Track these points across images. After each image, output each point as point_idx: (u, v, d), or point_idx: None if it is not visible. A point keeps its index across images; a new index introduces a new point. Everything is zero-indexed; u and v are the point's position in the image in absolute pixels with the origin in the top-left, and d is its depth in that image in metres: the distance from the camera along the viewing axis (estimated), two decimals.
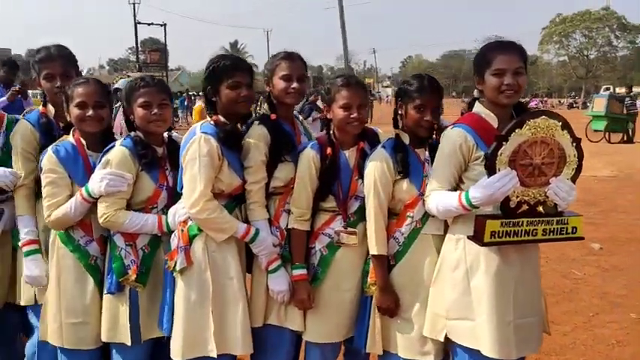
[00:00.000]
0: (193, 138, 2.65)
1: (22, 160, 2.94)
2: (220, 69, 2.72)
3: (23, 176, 2.93)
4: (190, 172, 2.62)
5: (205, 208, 2.59)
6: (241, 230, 2.68)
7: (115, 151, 2.72)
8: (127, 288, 2.76)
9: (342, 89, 2.69)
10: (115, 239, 2.79)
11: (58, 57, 2.97)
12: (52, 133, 2.97)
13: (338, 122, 2.72)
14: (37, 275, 2.89)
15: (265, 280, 2.78)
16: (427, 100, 2.63)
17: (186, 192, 2.64)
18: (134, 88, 2.76)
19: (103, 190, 2.66)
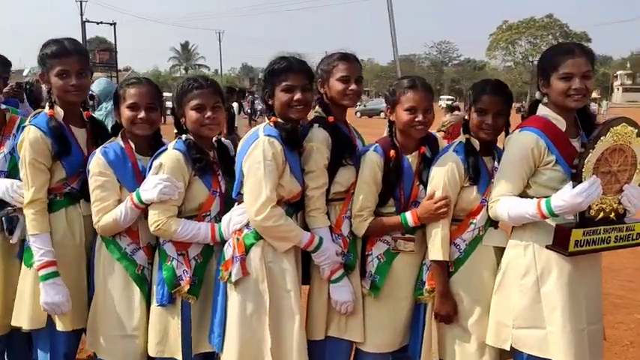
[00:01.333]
0: (256, 141, 2.53)
1: (32, 172, 2.63)
2: (276, 71, 2.61)
3: (34, 190, 2.63)
4: (254, 177, 2.50)
5: (271, 215, 2.48)
6: (305, 239, 2.58)
7: (167, 155, 2.58)
8: (179, 300, 2.63)
9: (408, 91, 2.62)
10: (166, 248, 2.65)
11: (74, 52, 2.67)
12: (65, 137, 2.72)
13: (402, 125, 2.65)
14: (59, 302, 2.64)
15: (327, 291, 2.69)
16: (489, 104, 2.59)
17: (250, 198, 2.51)
18: (186, 90, 2.63)
19: (156, 197, 2.52)
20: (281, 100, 2.59)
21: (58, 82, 2.67)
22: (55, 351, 2.78)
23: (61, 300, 2.64)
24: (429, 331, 2.66)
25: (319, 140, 2.64)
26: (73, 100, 2.73)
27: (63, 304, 2.65)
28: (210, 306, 2.67)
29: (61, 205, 2.74)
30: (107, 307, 2.69)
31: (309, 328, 2.70)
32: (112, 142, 2.73)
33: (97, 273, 2.72)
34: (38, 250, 2.64)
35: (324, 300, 2.70)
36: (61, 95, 2.70)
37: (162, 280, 2.63)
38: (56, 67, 2.66)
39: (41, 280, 2.63)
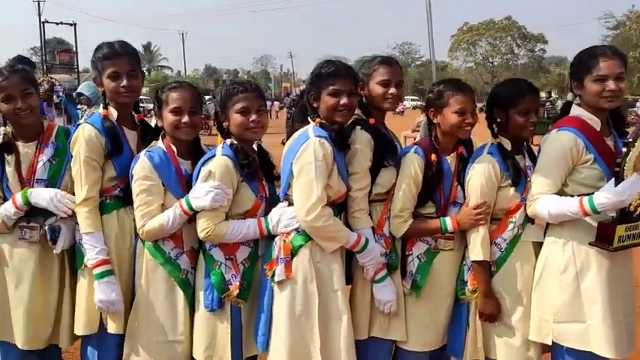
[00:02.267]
0: (307, 142, 2.57)
1: (86, 170, 2.66)
2: (323, 75, 2.66)
3: (88, 187, 2.66)
4: (305, 178, 2.54)
5: (322, 215, 2.52)
6: (352, 239, 2.63)
7: (217, 161, 2.60)
8: (227, 304, 2.65)
9: (458, 94, 2.68)
10: (213, 253, 2.67)
11: (124, 54, 2.73)
12: (118, 137, 2.75)
13: (451, 127, 2.71)
14: (115, 299, 2.65)
15: (369, 291, 2.75)
16: (531, 103, 2.69)
17: (301, 199, 2.55)
18: (231, 94, 2.65)
19: (208, 205, 2.53)
20: (327, 103, 2.64)
21: (110, 83, 2.70)
22: (104, 358, 2.77)
23: (116, 298, 2.65)
24: (474, 329, 2.74)
25: (363, 142, 2.70)
26: (125, 102, 2.76)
27: (118, 302, 2.65)
28: (255, 308, 2.71)
29: (111, 208, 2.74)
30: (150, 313, 2.69)
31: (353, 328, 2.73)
32: (154, 146, 2.73)
33: (139, 278, 2.72)
34: (92, 248, 2.63)
35: (366, 300, 2.75)
36: (113, 97, 2.73)
37: (210, 285, 2.64)
38: (107, 69, 2.69)
39: (96, 278, 2.63)
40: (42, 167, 2.78)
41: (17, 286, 2.75)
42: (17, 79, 2.70)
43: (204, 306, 2.65)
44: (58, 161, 2.80)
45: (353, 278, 2.82)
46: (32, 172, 2.77)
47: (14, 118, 2.73)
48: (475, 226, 2.68)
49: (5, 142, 2.75)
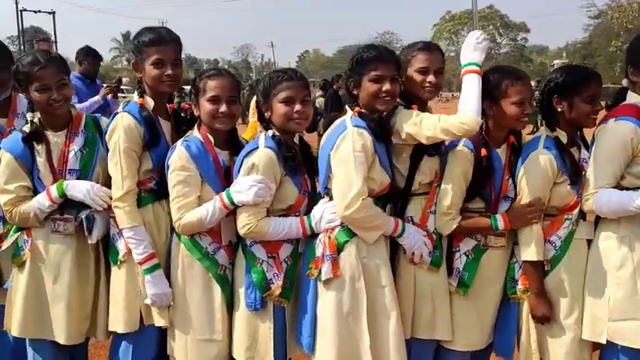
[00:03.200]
0: (344, 132, 2.45)
1: (126, 161, 2.54)
2: (364, 60, 2.52)
3: (129, 180, 2.55)
4: (344, 170, 2.42)
5: (362, 206, 2.40)
6: (391, 225, 2.51)
7: (260, 154, 2.46)
8: (270, 303, 2.52)
9: (517, 83, 2.55)
10: (254, 250, 2.54)
11: (170, 41, 2.61)
12: (157, 128, 2.63)
13: (509, 119, 2.58)
14: (166, 292, 2.56)
15: (412, 290, 2.63)
16: (597, 89, 2.57)
17: (340, 192, 2.43)
18: (275, 82, 2.51)
19: (251, 200, 2.40)
20: (369, 90, 2.51)
21: (152, 70, 2.57)
22: (143, 354, 2.66)
23: (167, 291, 2.55)
24: (527, 330, 2.63)
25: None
26: (167, 91, 2.65)
27: (169, 294, 2.56)
28: (296, 307, 2.59)
29: (147, 202, 2.63)
30: (186, 311, 2.57)
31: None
32: (190, 136, 2.59)
33: (175, 274, 2.60)
34: (139, 242, 2.53)
35: (409, 299, 2.63)
36: (155, 85, 2.60)
37: (251, 283, 2.51)
38: (152, 55, 2.56)
39: (146, 273, 2.53)
40: (73, 157, 2.66)
41: (55, 281, 2.64)
42: (54, 69, 2.58)
43: (245, 305, 2.53)
44: (89, 151, 2.69)
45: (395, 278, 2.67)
46: (64, 162, 2.65)
47: (47, 108, 2.60)
48: (528, 225, 2.56)
49: (34, 130, 2.62)
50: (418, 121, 2.49)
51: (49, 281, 2.64)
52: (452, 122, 2.43)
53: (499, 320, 2.73)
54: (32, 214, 2.60)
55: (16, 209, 2.61)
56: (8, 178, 2.60)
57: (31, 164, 2.62)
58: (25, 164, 2.61)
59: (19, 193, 2.61)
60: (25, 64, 2.57)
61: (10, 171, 2.60)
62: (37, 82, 2.54)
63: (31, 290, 2.64)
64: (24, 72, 2.57)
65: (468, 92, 2.46)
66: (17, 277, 2.68)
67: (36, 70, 2.54)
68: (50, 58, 2.60)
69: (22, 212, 2.61)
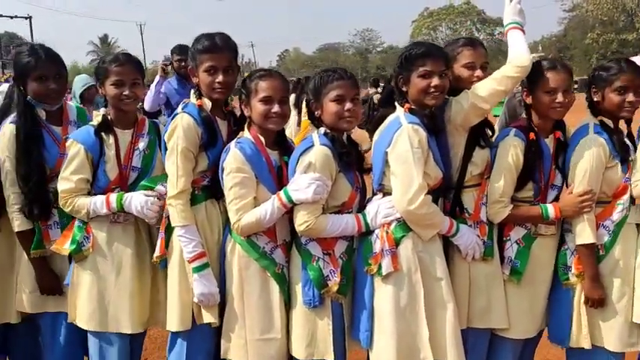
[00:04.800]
0: (400, 129, 2.48)
1: (183, 161, 2.56)
2: (413, 56, 2.55)
3: (184, 180, 2.56)
4: (403, 167, 2.45)
5: (424, 202, 2.43)
6: (446, 223, 2.55)
7: (316, 152, 2.46)
8: (327, 300, 2.52)
9: (549, 72, 2.60)
10: (310, 247, 2.54)
11: (224, 48, 2.64)
12: (215, 129, 2.65)
13: (542, 107, 2.63)
14: (213, 292, 2.57)
15: (467, 281, 2.65)
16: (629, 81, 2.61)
17: (401, 188, 2.45)
18: (326, 81, 2.52)
19: (310, 198, 2.40)
20: (418, 86, 2.54)
21: (206, 78, 2.61)
22: (197, 351, 2.67)
23: (216, 290, 2.57)
24: (578, 315, 2.66)
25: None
26: (218, 98, 2.67)
27: (217, 294, 2.58)
28: (352, 303, 2.60)
29: (200, 199, 2.65)
30: (245, 311, 2.56)
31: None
32: (242, 137, 2.60)
33: (230, 274, 2.59)
34: (189, 241, 2.55)
35: (464, 289, 2.65)
36: (208, 92, 2.64)
37: (309, 280, 2.51)
38: (205, 62, 2.60)
39: (195, 271, 2.54)
40: (138, 156, 2.76)
41: (119, 272, 2.70)
42: (131, 68, 2.71)
43: (303, 302, 2.53)
44: (150, 152, 2.79)
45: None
46: (129, 159, 2.74)
47: (118, 103, 2.70)
48: (580, 214, 2.60)
49: (105, 122, 2.70)
50: (472, 91, 2.57)
51: (112, 273, 2.69)
52: (505, 69, 2.55)
53: (552, 307, 2.76)
54: (85, 211, 2.66)
55: (72, 200, 2.66)
56: (75, 169, 2.66)
57: (98, 157, 2.67)
58: (93, 156, 2.67)
59: (79, 185, 2.66)
60: (106, 61, 2.73)
61: (78, 162, 2.66)
62: (113, 77, 2.65)
63: (95, 283, 2.68)
64: (103, 67, 2.70)
65: (514, 41, 2.62)
66: (79, 272, 2.72)
67: (114, 66, 2.67)
68: (128, 59, 2.74)
69: (77, 206, 2.66)
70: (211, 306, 2.59)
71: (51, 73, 2.80)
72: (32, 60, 2.76)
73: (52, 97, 2.82)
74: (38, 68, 2.76)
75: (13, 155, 2.76)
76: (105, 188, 2.69)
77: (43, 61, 2.78)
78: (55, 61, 2.86)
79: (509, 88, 2.59)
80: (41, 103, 2.83)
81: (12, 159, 2.76)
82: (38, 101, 2.81)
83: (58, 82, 2.82)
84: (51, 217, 2.81)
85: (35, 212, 2.75)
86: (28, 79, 2.78)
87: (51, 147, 2.83)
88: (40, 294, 2.83)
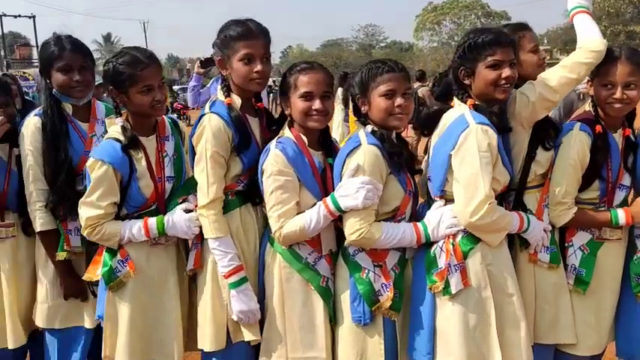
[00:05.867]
0: (467, 130, 2.20)
1: (213, 167, 2.32)
2: (479, 45, 2.28)
3: (216, 187, 2.33)
4: (468, 172, 2.18)
5: (489, 211, 2.17)
6: (516, 221, 2.29)
7: (363, 153, 2.22)
8: (380, 317, 2.29)
9: (608, 64, 2.36)
10: (359, 259, 2.31)
11: (261, 34, 2.38)
12: (247, 129, 2.41)
13: (598, 101, 2.42)
14: (253, 308, 2.36)
15: (533, 295, 2.41)
16: None
17: (464, 197, 2.19)
18: (375, 74, 2.27)
19: (360, 204, 2.17)
20: (486, 78, 2.28)
21: (241, 67, 2.33)
22: None
23: (256, 306, 2.36)
24: None
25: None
26: (256, 89, 2.42)
27: (257, 310, 2.37)
28: (405, 320, 2.36)
29: (234, 205, 2.42)
30: (286, 327, 2.35)
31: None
32: (282, 137, 2.36)
33: (271, 287, 2.38)
34: (225, 254, 2.32)
35: (531, 303, 2.41)
36: (244, 83, 2.37)
37: (358, 295, 2.28)
38: (240, 50, 2.32)
39: (232, 287, 2.33)
40: (168, 163, 2.51)
41: (162, 297, 2.47)
42: (156, 68, 2.41)
43: (352, 319, 2.30)
44: (178, 155, 2.55)
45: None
46: (161, 170, 2.48)
47: (149, 110, 2.41)
48: None
49: (132, 136, 2.41)
50: (539, 81, 2.34)
51: (155, 299, 2.45)
52: (576, 55, 2.35)
53: (621, 320, 2.52)
54: (117, 239, 2.40)
55: (100, 228, 2.39)
56: (103, 193, 2.37)
57: (128, 175, 2.39)
58: (123, 176, 2.39)
59: (107, 210, 2.40)
60: (125, 64, 2.35)
61: (107, 184, 2.37)
62: (141, 83, 2.34)
63: (137, 313, 2.43)
64: (126, 72, 2.34)
65: (583, 25, 2.41)
66: (114, 301, 2.43)
67: (139, 70, 2.33)
68: (150, 56, 2.40)
69: (107, 234, 2.40)
70: (252, 323, 2.37)
71: (75, 64, 2.59)
72: (56, 50, 2.57)
73: (77, 89, 2.61)
74: (62, 58, 2.57)
75: (37, 150, 2.57)
76: (140, 208, 2.45)
77: (67, 51, 2.58)
78: (80, 51, 2.64)
79: (582, 76, 2.35)
80: (67, 97, 2.62)
81: (35, 153, 2.58)
82: (62, 94, 2.61)
83: (82, 73, 2.61)
84: (73, 221, 2.59)
85: (61, 212, 2.55)
86: (52, 69, 2.58)
87: (77, 143, 2.64)
88: (65, 299, 2.64)
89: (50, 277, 2.65)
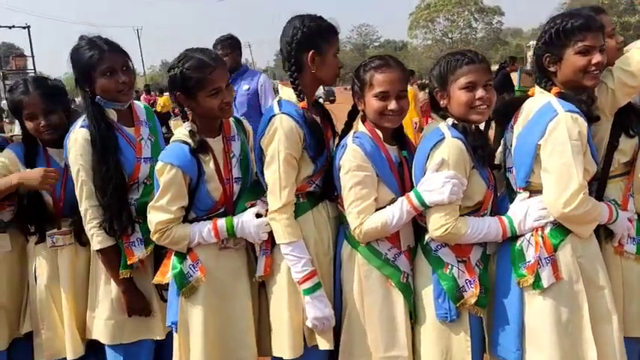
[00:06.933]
0: (556, 118, 2.13)
1: (286, 170, 2.26)
2: (569, 30, 2.21)
3: (289, 191, 2.28)
4: (559, 162, 2.12)
5: (584, 200, 2.11)
6: (606, 212, 2.23)
7: (448, 146, 2.17)
8: (465, 313, 2.24)
9: None
10: (442, 254, 2.26)
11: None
12: (319, 127, 2.35)
13: None
14: (328, 315, 2.30)
15: (621, 287, 2.34)
16: None
17: (556, 187, 2.13)
18: (455, 66, 2.23)
19: (446, 199, 2.12)
20: (576, 65, 2.21)
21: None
22: None
23: (330, 313, 2.30)
24: None
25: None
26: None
27: (332, 316, 2.31)
28: (490, 315, 2.31)
29: (306, 208, 2.37)
30: (366, 326, 2.30)
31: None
32: (357, 131, 2.32)
33: (349, 286, 2.34)
34: (298, 259, 2.26)
35: (619, 295, 2.34)
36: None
37: (442, 291, 2.23)
38: (334, 45, 2.35)
39: (306, 293, 2.27)
40: (236, 164, 2.43)
41: (234, 303, 2.38)
42: (224, 69, 2.34)
43: (437, 316, 2.24)
44: (244, 156, 2.47)
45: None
46: (229, 171, 2.40)
47: (219, 113, 2.33)
48: None
49: (201, 139, 2.32)
50: (617, 67, 2.28)
51: (226, 304, 2.37)
52: None
53: None
54: (186, 242, 2.34)
55: (170, 232, 2.32)
56: (173, 197, 2.30)
57: (197, 178, 2.32)
58: (192, 179, 2.31)
59: (177, 214, 2.32)
60: (192, 68, 2.27)
61: (176, 188, 2.29)
62: (210, 87, 2.26)
63: (210, 320, 2.33)
64: (194, 77, 2.26)
65: None
66: (188, 308, 2.35)
67: (208, 73, 2.26)
68: (216, 58, 2.33)
69: (176, 238, 2.33)
70: (326, 330, 2.32)
71: (118, 64, 2.49)
72: (95, 53, 2.44)
73: (124, 92, 2.52)
74: (104, 61, 2.44)
75: (88, 163, 2.45)
76: (209, 211, 2.39)
77: (107, 53, 2.46)
78: (120, 50, 2.55)
79: None
80: (112, 102, 2.52)
81: (87, 168, 2.46)
82: (108, 100, 2.50)
83: (127, 74, 2.52)
84: (134, 233, 2.51)
85: (116, 228, 2.45)
86: (94, 75, 2.45)
87: (127, 151, 2.53)
88: (128, 316, 2.55)
89: (114, 292, 2.56)
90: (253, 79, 4.95)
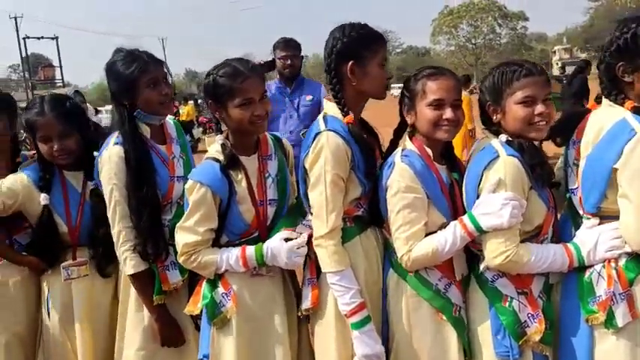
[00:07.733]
0: (634, 138, 1.86)
1: (333, 192, 2.07)
2: None
3: (336, 215, 2.08)
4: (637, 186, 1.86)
5: None
6: None
7: (504, 165, 1.96)
8: (529, 351, 2.02)
9: None
10: (499, 285, 2.04)
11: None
12: (369, 145, 2.16)
13: None
14: (379, 352, 2.08)
15: None
16: None
17: (635, 215, 1.87)
18: (511, 78, 2.02)
19: (506, 223, 1.90)
20: None
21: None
22: None
23: (381, 349, 2.09)
24: None
25: None
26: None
27: (382, 353, 2.10)
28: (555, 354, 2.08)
29: (353, 233, 2.17)
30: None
31: None
32: (405, 149, 2.12)
33: (397, 319, 2.14)
34: (346, 290, 2.06)
35: None
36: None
37: (501, 327, 2.01)
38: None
39: (355, 328, 2.06)
40: (271, 185, 2.25)
41: (272, 333, 2.19)
42: (258, 80, 2.17)
43: (496, 354, 2.02)
44: (282, 176, 2.29)
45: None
46: (263, 192, 2.22)
47: (249, 126, 2.16)
48: None
49: (232, 155, 2.15)
50: None
51: (261, 339, 2.19)
52: None
53: None
54: (214, 268, 2.17)
55: (197, 255, 2.15)
56: (201, 218, 2.13)
57: (228, 198, 2.15)
58: (222, 198, 2.14)
59: (205, 237, 2.15)
60: (225, 75, 2.12)
61: (206, 209, 2.13)
62: (240, 97, 2.10)
63: (244, 354, 2.15)
64: (225, 85, 2.11)
65: None
66: (219, 340, 2.17)
67: (239, 82, 2.10)
68: (252, 67, 2.16)
69: (203, 262, 2.16)
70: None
71: (160, 76, 2.36)
72: (139, 65, 2.29)
73: (166, 104, 2.38)
74: (148, 72, 2.30)
75: (123, 182, 2.29)
76: (242, 235, 2.21)
77: (150, 64, 2.32)
78: (160, 62, 2.41)
79: None
80: (152, 115, 2.37)
81: (122, 187, 2.29)
82: (149, 112, 2.36)
83: (168, 86, 2.39)
84: (168, 256, 2.34)
85: (150, 251, 2.29)
86: (137, 87, 2.30)
87: (161, 170, 2.38)
88: (162, 345, 2.37)
89: (147, 320, 2.38)
90: (316, 89, 4.71)
